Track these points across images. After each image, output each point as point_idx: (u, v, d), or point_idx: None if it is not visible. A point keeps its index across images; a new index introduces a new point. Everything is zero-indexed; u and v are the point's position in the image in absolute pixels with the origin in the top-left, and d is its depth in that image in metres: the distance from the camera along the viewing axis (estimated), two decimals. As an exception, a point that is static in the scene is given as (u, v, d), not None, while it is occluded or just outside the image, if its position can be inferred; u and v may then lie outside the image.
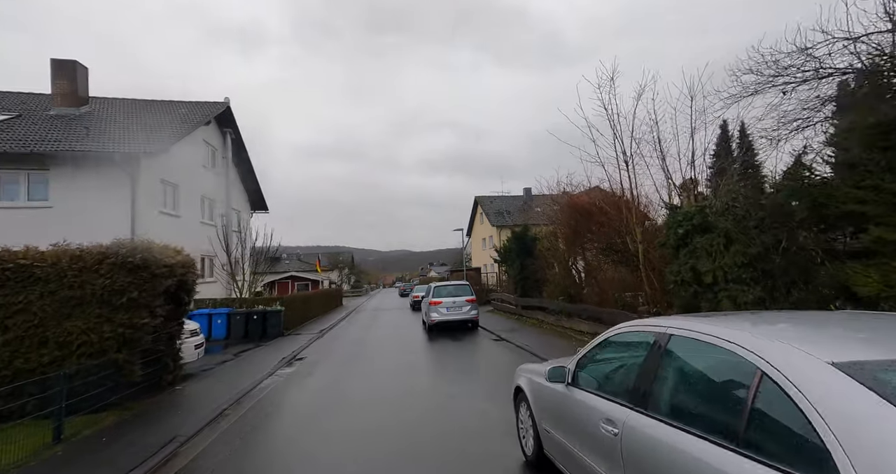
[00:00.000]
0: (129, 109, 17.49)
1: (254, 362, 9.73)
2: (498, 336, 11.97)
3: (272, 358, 10.20)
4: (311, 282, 33.78)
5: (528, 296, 15.41)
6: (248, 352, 11.37)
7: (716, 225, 6.17)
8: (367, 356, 10.41)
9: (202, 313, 13.89)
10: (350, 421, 5.63)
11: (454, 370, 8.35)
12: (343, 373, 8.53)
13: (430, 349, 11.16)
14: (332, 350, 11.66)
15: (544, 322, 13.06)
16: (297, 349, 11.47)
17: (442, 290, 13.90)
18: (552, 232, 14.58)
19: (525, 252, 15.84)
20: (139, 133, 14.98)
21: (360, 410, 6.09)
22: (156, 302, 6.13)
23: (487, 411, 5.63)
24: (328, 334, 15.31)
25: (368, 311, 26.16)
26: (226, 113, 20.66)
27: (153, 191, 14.91)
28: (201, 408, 6.12)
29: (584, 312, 10.71)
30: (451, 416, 5.58)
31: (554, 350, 8.99)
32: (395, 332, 14.71)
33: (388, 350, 11.18)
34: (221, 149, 21.32)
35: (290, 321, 16.19)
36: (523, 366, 4.41)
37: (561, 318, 11.85)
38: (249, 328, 14.14)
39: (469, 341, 12.01)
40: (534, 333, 11.78)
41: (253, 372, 8.55)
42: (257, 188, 25.12)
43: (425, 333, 13.80)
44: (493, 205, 42.37)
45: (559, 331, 11.50)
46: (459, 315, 13.36)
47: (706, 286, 6.14)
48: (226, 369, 8.98)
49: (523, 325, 13.62)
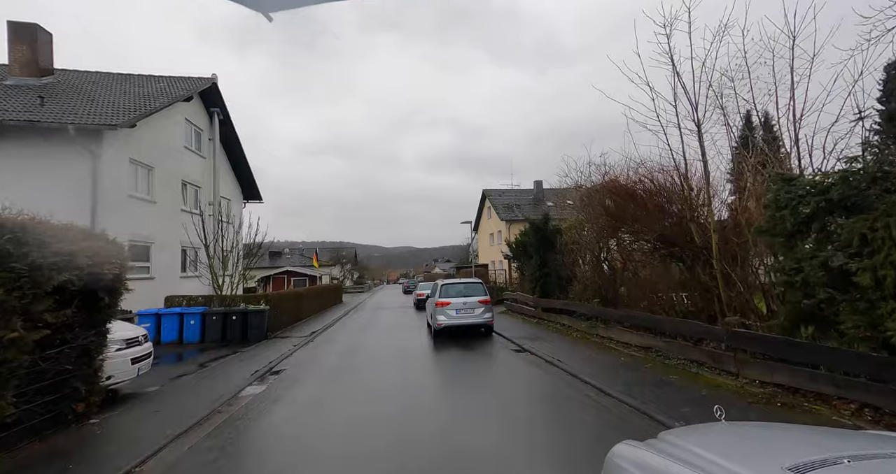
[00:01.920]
0: (99, 82, 15.56)
1: (217, 377, 7.80)
2: (519, 346, 9.94)
3: (244, 370, 8.27)
4: (308, 277, 31.94)
5: (549, 296, 13.39)
6: (218, 361, 9.45)
7: (871, 200, 4.11)
8: (358, 371, 8.45)
9: (172, 313, 12.00)
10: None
11: (469, 401, 6.17)
12: (323, 398, 6.57)
13: (435, 362, 9.19)
14: (317, 360, 9.71)
15: (572, 328, 11.01)
16: (276, 359, 9.54)
17: (451, 289, 11.89)
18: (578, 222, 12.52)
19: (546, 245, 13.79)
20: (106, 107, 13.05)
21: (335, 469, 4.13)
22: (39, 305, 4.17)
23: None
24: (319, 337, 13.38)
25: (369, 310, 24.24)
26: (212, 90, 18.71)
27: (120, 172, 13.01)
28: (107, 461, 4.17)
29: (628, 319, 8.67)
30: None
31: (604, 370, 6.98)
32: (395, 337, 12.74)
33: (385, 362, 9.21)
34: (208, 131, 19.40)
35: (279, 321, 14.29)
36: (624, 451, 2.00)
37: (595, 325, 9.82)
38: (228, 330, 12.24)
39: (483, 351, 10.02)
40: (563, 343, 9.75)
41: (210, 393, 6.62)
42: (250, 175, 23.20)
43: (430, 339, 11.82)
44: (501, 198, 40.27)
45: (595, 342, 9.46)
46: (471, 318, 11.36)
47: (860, 291, 4.09)
48: (177, 389, 7.04)
49: (546, 331, 11.60)
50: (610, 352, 8.25)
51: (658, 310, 8.20)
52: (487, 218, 41.69)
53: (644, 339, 7.86)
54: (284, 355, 10.09)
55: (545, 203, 39.97)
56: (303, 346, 11.53)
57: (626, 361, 7.38)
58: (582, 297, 10.90)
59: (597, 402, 5.67)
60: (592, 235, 11.17)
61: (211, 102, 19.20)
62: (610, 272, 10.84)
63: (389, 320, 17.93)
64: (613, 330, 9.03)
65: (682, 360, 6.90)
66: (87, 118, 11.79)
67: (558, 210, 19.78)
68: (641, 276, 9.13)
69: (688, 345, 6.87)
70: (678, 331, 7.00)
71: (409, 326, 15.37)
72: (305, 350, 11.06)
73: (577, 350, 8.85)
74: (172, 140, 16.37)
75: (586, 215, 10.91)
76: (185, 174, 17.16)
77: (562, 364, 7.65)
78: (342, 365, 8.94)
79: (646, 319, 8.02)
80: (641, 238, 8.30)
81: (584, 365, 7.37)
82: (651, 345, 7.64)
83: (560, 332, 11.16)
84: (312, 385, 7.34)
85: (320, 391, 6.93)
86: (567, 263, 12.69)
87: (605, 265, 10.99)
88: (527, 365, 8.13)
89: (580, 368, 7.17)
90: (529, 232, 14.33)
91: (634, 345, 8.11)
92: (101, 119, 11.87)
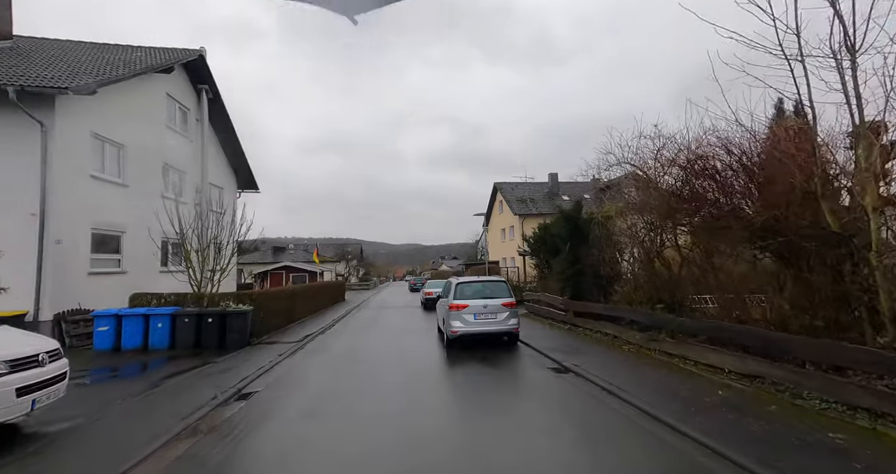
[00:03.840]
0: (64, 49, 13.67)
1: (161, 406, 5.84)
2: (556, 362, 7.82)
3: (203, 393, 6.32)
4: (308, 273, 30.11)
5: (583, 298, 11.29)
6: (181, 376, 7.51)
7: None
8: (350, 398, 6.46)
9: (135, 314, 10.09)
10: None
11: (508, 462, 4.02)
12: (296, 449, 4.58)
13: (451, 387, 7.18)
14: (302, 378, 7.74)
15: (620, 339, 8.86)
16: (252, 374, 7.58)
17: (468, 289, 9.82)
18: (621, 210, 10.40)
19: (579, 238, 11.69)
20: (63, 72, 11.15)
21: None
22: None
23: None
24: (312, 343, 11.42)
25: (372, 309, 22.30)
26: (199, 65, 16.79)
27: (81, 148, 11.11)
28: None
29: (718, 333, 6.43)
30: None
31: (704, 413, 4.73)
32: (400, 346, 10.73)
33: (386, 383, 7.22)
34: (195, 110, 17.49)
35: (267, 324, 12.37)
36: None
37: (656, 337, 7.66)
38: (203, 335, 10.31)
39: (511, 369, 7.97)
40: (614, 360, 7.63)
41: (139, 433, 4.66)
42: (245, 163, 21.29)
43: (442, 349, 9.79)
44: (514, 192, 38.05)
45: (661, 361, 7.20)
46: (494, 325, 9.30)
47: None
48: (94, 428, 5.07)
49: (584, 342, 9.49)
50: (693, 379, 6.03)
51: (753, 321, 6.06)
52: (499, 212, 39.54)
53: (746, 364, 5.62)
54: (264, 368, 8.13)
55: (561, 197, 37.76)
56: (290, 355, 9.57)
57: (728, 396, 5.14)
58: (632, 300, 8.80)
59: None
60: (644, 225, 9.06)
61: (199, 79, 17.28)
62: (667, 270, 8.72)
63: (394, 322, 15.94)
64: (688, 346, 6.83)
65: (827, 402, 4.64)
66: (34, 81, 9.87)
67: (595, 200, 17.55)
68: (721, 277, 6.96)
69: (835, 379, 4.66)
70: (814, 357, 4.83)
71: (416, 330, 13.36)
72: (291, 361, 9.09)
73: (639, 372, 6.70)
74: (151, 117, 14.49)
75: (644, 198, 8.77)
76: (168, 156, 15.28)
77: (628, 395, 5.55)
78: (331, 389, 6.94)
79: (756, 335, 5.65)
80: (726, 225, 6.16)
81: (665, 399, 5.23)
82: (760, 374, 5.41)
83: (604, 344, 9.02)
84: (285, 422, 5.34)
85: (293, 434, 4.93)
86: (607, 260, 10.57)
87: (659, 261, 8.87)
88: (577, 395, 6.02)
89: (660, 404, 5.05)
90: (558, 223, 12.24)
91: (730, 371, 5.89)
92: (52, 82, 9.95)
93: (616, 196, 11.78)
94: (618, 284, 10.08)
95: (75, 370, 6.09)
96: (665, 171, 8.55)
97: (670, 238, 8.66)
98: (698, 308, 7.73)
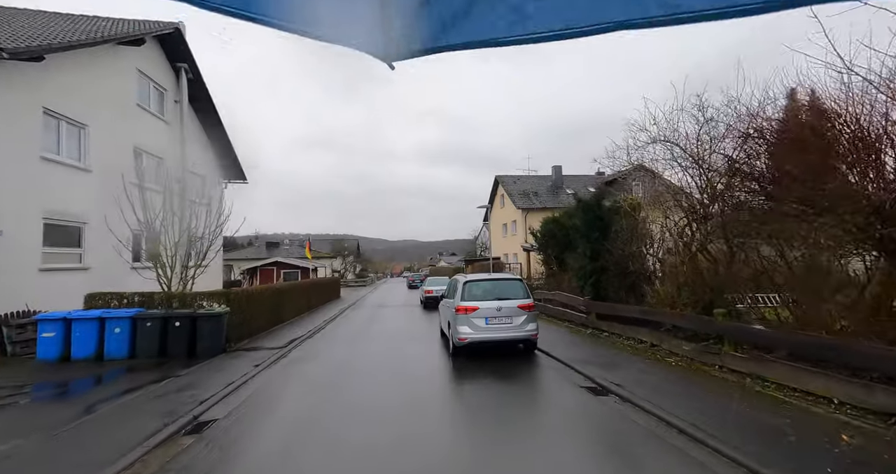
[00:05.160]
0: (16, 15, 12.10)
1: (72, 452, 4.43)
2: (591, 379, 6.37)
3: (142, 426, 4.91)
4: (301, 269, 28.65)
5: (607, 298, 9.92)
6: (118, 400, 6.07)
7: None
8: (337, 427, 5.07)
9: (88, 317, 8.63)
10: None
11: None
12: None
13: (460, 411, 5.81)
14: (277, 399, 6.33)
15: (660, 349, 7.42)
16: (216, 394, 6.18)
17: (477, 289, 8.41)
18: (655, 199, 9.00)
19: (600, 231, 10.30)
20: (3, 36, 9.60)
21: None
22: None
23: None
24: (297, 350, 10.01)
25: (368, 308, 20.89)
26: (176, 39, 15.24)
27: (29, 125, 9.61)
28: None
29: (828, 353, 4.94)
30: None
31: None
32: (398, 355, 9.33)
33: (380, 408, 5.83)
34: (174, 91, 15.95)
35: (247, 327, 10.97)
36: None
37: (714, 349, 6.21)
38: (169, 341, 8.89)
39: (532, 387, 6.59)
40: (670, 380, 6.09)
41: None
42: (231, 151, 19.73)
43: (447, 359, 8.39)
44: (516, 185, 36.59)
45: (732, 383, 5.60)
46: (508, 331, 7.91)
47: None
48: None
49: (618, 352, 8.04)
50: (789, 412, 4.43)
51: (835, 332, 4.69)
52: (500, 207, 38.12)
53: (875, 396, 4.03)
54: (235, 385, 6.73)
55: (565, 190, 36.34)
56: (268, 367, 8.16)
57: (864, 445, 3.64)
58: (675, 302, 7.41)
59: None
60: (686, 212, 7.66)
61: (176, 56, 15.72)
62: (713, 266, 7.33)
63: (391, 324, 14.53)
64: (768, 365, 5.25)
65: None
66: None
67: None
68: (799, 273, 5.57)
69: None
70: None
71: (416, 335, 11.95)
72: (269, 374, 7.67)
73: (706, 397, 5.18)
74: (120, 95, 12.97)
75: (700, 173, 7.34)
76: (140, 140, 13.77)
77: (710, 437, 4.11)
78: (309, 417, 5.53)
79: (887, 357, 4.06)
80: (826, 207, 4.74)
81: (769, 446, 3.74)
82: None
83: (641, 355, 7.56)
84: (242, 472, 3.94)
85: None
86: (636, 254, 9.18)
87: (705, 256, 7.48)
88: (632, 433, 4.58)
89: (769, 456, 3.60)
90: (578, 212, 10.82)
91: (842, 403, 4.52)
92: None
93: (622, 189, 10.36)
94: (649, 283, 8.71)
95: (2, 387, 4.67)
96: (714, 148, 7.17)
97: (717, 228, 7.27)
98: (753, 311, 6.36)
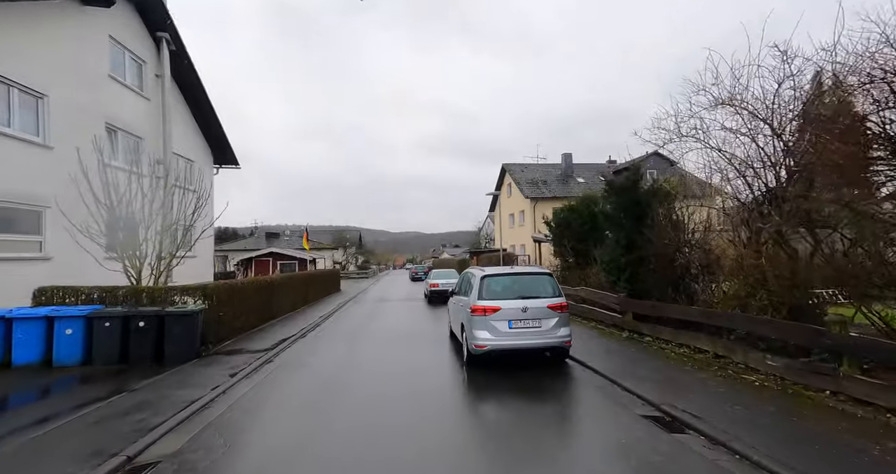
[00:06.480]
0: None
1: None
2: (650, 404, 4.90)
3: (63, 467, 3.55)
4: (298, 260, 27.31)
5: (649, 295, 8.48)
6: (39, 427, 4.71)
7: None
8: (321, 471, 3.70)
9: (33, 316, 7.27)
10: None
11: None
12: None
13: (481, 454, 4.42)
14: (248, 426, 4.96)
15: (731, 362, 5.83)
16: (170, 418, 4.83)
17: (497, 285, 6.94)
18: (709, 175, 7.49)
19: (638, 217, 8.83)
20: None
21: None
22: None
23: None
24: (284, 354, 8.65)
25: (370, 302, 19.53)
26: (154, 5, 13.74)
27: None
28: None
29: None
30: None
31: None
32: (401, 362, 7.95)
33: (380, 447, 4.47)
34: (154, 64, 14.45)
35: (230, 326, 9.64)
36: None
37: (824, 369, 4.64)
38: (132, 344, 7.54)
39: (572, 413, 5.19)
40: (769, 412, 4.48)
41: None
42: (221, 133, 18.23)
43: (460, 369, 6.98)
44: (524, 173, 34.95)
45: (862, 420, 4.07)
46: (537, 337, 6.48)
47: None
48: None
49: (672, 364, 6.45)
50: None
51: None
52: (507, 196, 36.55)
53: None
54: (200, 403, 5.38)
55: (575, 178, 34.72)
56: (247, 377, 6.81)
57: None
58: (745, 304, 5.96)
59: None
60: (755, 195, 6.17)
61: (156, 25, 14.19)
62: (788, 259, 5.86)
63: (393, 322, 13.16)
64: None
65: None
66: None
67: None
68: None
69: None
70: None
71: (422, 335, 10.54)
72: (245, 388, 6.29)
73: (854, 449, 3.63)
74: (88, 63, 11.48)
75: (777, 141, 5.82)
76: (113, 115, 12.31)
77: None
78: (286, 460, 4.15)
79: None
80: None
81: None
82: None
83: (705, 369, 5.91)
84: None
85: None
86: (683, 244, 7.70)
87: (782, 247, 6.02)
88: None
89: None
90: (611, 196, 9.34)
91: None
92: None
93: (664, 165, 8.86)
94: (700, 279, 7.26)
95: None
96: (797, 109, 5.65)
97: (799, 212, 5.78)
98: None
